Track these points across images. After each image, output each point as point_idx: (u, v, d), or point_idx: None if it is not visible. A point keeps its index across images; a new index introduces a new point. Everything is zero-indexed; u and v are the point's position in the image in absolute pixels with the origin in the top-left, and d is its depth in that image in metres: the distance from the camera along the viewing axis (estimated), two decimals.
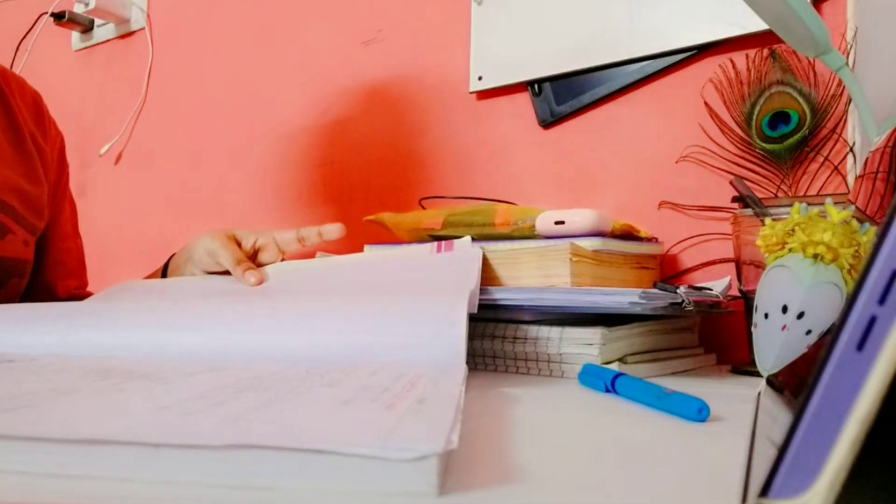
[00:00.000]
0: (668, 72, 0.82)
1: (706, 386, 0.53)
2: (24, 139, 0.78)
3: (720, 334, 0.74)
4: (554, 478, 0.26)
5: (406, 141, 1.04)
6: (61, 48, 1.53)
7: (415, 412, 0.27)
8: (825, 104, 0.70)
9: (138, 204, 1.39)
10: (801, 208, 0.46)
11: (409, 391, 0.32)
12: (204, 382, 0.34)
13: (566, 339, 0.55)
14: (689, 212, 0.80)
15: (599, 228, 0.67)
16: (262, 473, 0.22)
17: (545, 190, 0.91)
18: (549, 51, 0.89)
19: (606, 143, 0.87)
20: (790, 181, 0.73)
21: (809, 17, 0.54)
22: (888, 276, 0.16)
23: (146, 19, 1.40)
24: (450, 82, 0.99)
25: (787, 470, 0.17)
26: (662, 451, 0.31)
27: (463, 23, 0.97)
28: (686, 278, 0.79)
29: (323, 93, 1.14)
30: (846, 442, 0.16)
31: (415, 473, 0.21)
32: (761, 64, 0.74)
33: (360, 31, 1.10)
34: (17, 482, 0.22)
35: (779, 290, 0.44)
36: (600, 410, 0.42)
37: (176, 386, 0.33)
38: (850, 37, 0.69)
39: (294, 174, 1.17)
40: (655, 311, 0.54)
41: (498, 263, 0.66)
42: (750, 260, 0.62)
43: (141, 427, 0.24)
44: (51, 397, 0.29)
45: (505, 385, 0.51)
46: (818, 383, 0.17)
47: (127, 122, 1.41)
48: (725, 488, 0.24)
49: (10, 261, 0.74)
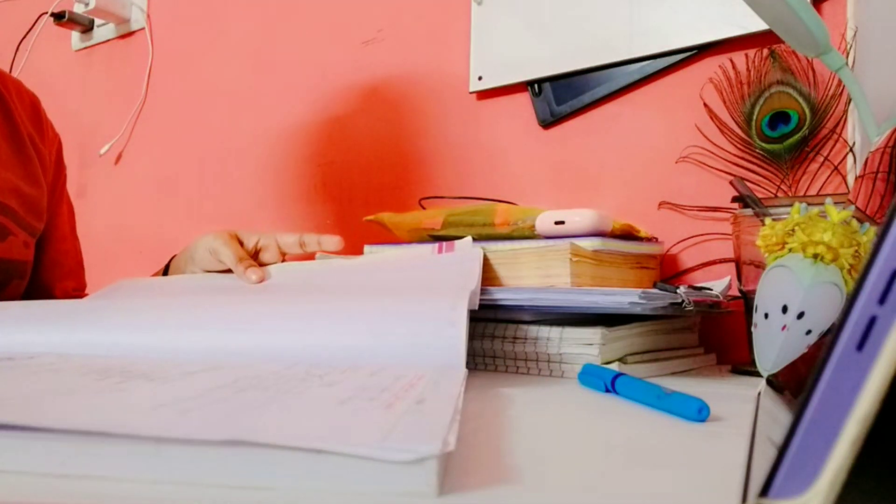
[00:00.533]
0: (668, 72, 0.82)
1: (706, 386, 0.54)
2: (24, 142, 0.78)
3: (720, 334, 0.74)
4: (554, 478, 0.26)
5: (406, 141, 1.04)
6: (61, 48, 1.53)
7: (413, 413, 0.27)
8: (825, 104, 0.70)
9: (138, 204, 1.39)
10: (801, 208, 0.46)
11: (408, 392, 0.32)
12: (203, 381, 0.34)
13: (566, 339, 0.55)
14: (689, 212, 0.80)
15: (599, 228, 0.67)
16: (262, 473, 0.22)
17: (545, 190, 0.91)
18: (549, 51, 0.89)
19: (606, 143, 0.87)
20: (790, 181, 0.73)
21: (809, 17, 0.54)
22: (888, 276, 0.16)
23: (146, 19, 1.40)
24: (450, 82, 0.99)
25: (787, 470, 0.17)
26: (662, 451, 0.31)
27: (463, 23, 0.97)
28: (686, 278, 0.79)
29: (323, 92, 1.14)
30: (846, 442, 0.16)
31: (414, 474, 0.21)
32: (761, 64, 0.74)
33: (360, 31, 1.10)
34: (17, 482, 0.22)
35: (779, 290, 0.44)
36: (600, 410, 0.42)
37: (175, 385, 0.33)
38: (850, 37, 0.69)
39: (294, 174, 1.17)
40: (655, 311, 0.54)
41: (498, 263, 0.66)
42: (750, 260, 0.62)
43: (138, 422, 0.24)
44: (48, 396, 0.29)
45: (505, 385, 0.51)
46: (818, 383, 0.17)
47: (127, 122, 1.41)
48: (725, 488, 0.24)
49: (11, 262, 0.75)
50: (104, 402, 0.29)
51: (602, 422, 0.39)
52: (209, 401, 0.29)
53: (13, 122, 0.78)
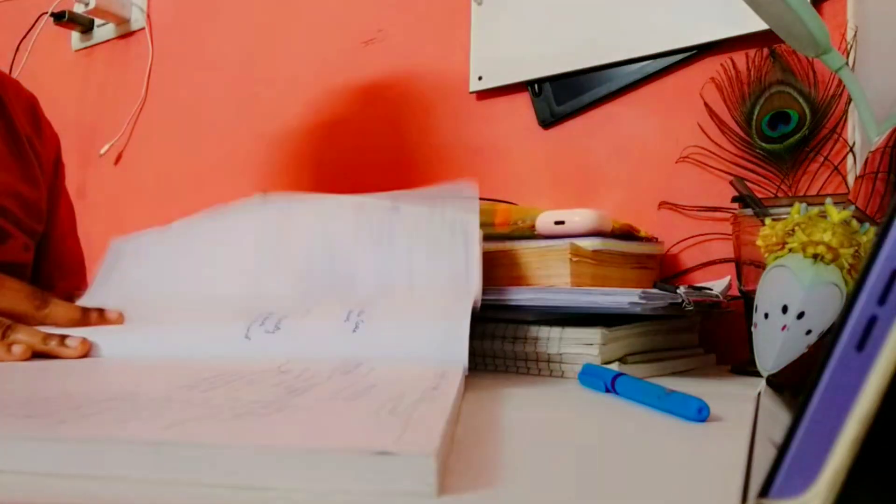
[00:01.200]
0: (668, 72, 0.82)
1: (706, 386, 0.53)
2: (22, 143, 0.78)
3: (720, 334, 0.74)
4: (553, 478, 0.26)
5: (406, 141, 1.04)
6: (61, 48, 1.53)
7: (412, 413, 0.27)
8: (825, 104, 0.70)
9: (138, 204, 1.39)
10: (801, 208, 0.46)
11: (407, 392, 0.32)
12: (198, 381, 0.34)
13: (566, 339, 0.55)
14: (689, 212, 0.80)
15: (599, 228, 0.67)
16: (262, 473, 0.22)
17: (545, 190, 0.91)
18: (549, 51, 0.89)
19: (606, 143, 0.87)
20: (790, 181, 0.73)
21: (809, 18, 0.54)
22: (888, 276, 0.16)
23: (146, 19, 1.40)
24: (450, 82, 0.99)
25: (787, 470, 0.17)
26: (662, 451, 0.31)
27: (463, 23, 0.97)
28: (686, 278, 0.79)
29: (323, 92, 1.14)
30: (846, 442, 0.16)
31: (413, 474, 0.21)
32: (761, 64, 0.74)
33: (360, 31, 1.10)
34: (17, 482, 0.22)
35: (779, 291, 0.44)
36: (600, 410, 0.42)
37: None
38: (850, 37, 0.69)
39: (294, 174, 1.17)
40: (655, 312, 0.54)
41: (498, 263, 0.66)
42: (750, 260, 0.62)
43: (142, 427, 0.24)
44: (71, 405, 0.29)
45: (505, 385, 0.50)
46: (818, 383, 0.17)
47: (127, 122, 1.41)
48: (725, 488, 0.24)
49: (10, 266, 0.74)
50: (111, 417, 0.29)
51: (602, 422, 0.39)
52: (209, 404, 0.29)
53: (12, 124, 0.78)
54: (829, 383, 0.16)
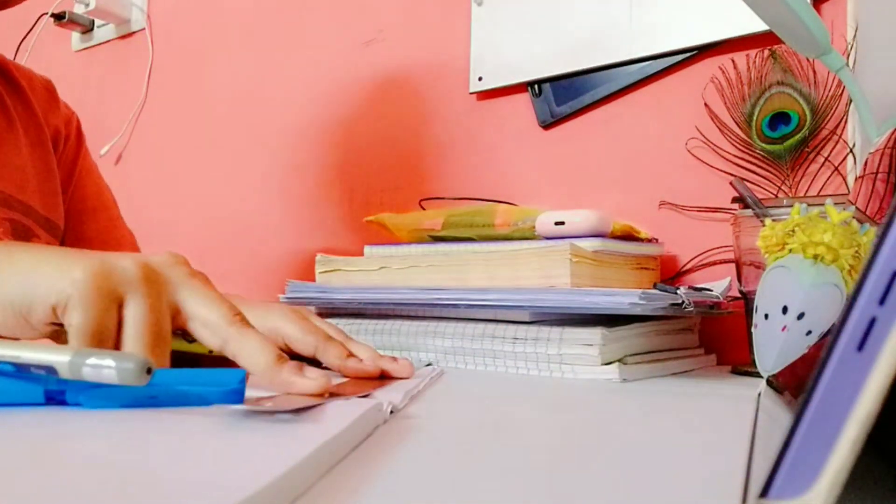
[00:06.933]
0: (668, 72, 0.82)
1: (706, 386, 0.53)
2: (43, 134, 0.78)
3: (720, 335, 0.74)
4: (553, 478, 0.26)
5: (406, 141, 1.04)
6: (61, 49, 1.53)
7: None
8: (825, 105, 0.71)
9: (138, 204, 1.39)
10: (802, 209, 0.46)
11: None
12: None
13: (566, 340, 0.55)
14: (689, 212, 0.80)
15: (599, 229, 0.67)
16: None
17: (545, 190, 0.91)
18: (549, 51, 0.89)
19: (606, 143, 0.87)
20: (790, 182, 0.73)
21: (809, 18, 0.54)
22: (888, 276, 0.16)
23: (146, 20, 1.40)
24: (450, 83, 0.99)
25: (787, 470, 0.17)
26: (662, 451, 0.31)
27: (463, 23, 0.97)
28: (686, 279, 0.79)
29: (323, 93, 1.14)
30: (846, 442, 0.16)
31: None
32: (761, 64, 0.74)
33: (360, 31, 1.10)
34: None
35: (779, 291, 0.44)
36: (600, 411, 0.42)
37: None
38: (850, 37, 0.69)
39: (294, 174, 1.17)
40: (655, 312, 0.54)
41: (498, 264, 0.66)
42: (750, 260, 0.62)
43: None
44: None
45: (505, 385, 0.51)
46: (818, 384, 0.17)
47: (127, 122, 1.41)
48: (725, 488, 0.24)
49: None
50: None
51: (602, 422, 0.39)
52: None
53: (34, 117, 0.78)
54: (829, 383, 0.16)
